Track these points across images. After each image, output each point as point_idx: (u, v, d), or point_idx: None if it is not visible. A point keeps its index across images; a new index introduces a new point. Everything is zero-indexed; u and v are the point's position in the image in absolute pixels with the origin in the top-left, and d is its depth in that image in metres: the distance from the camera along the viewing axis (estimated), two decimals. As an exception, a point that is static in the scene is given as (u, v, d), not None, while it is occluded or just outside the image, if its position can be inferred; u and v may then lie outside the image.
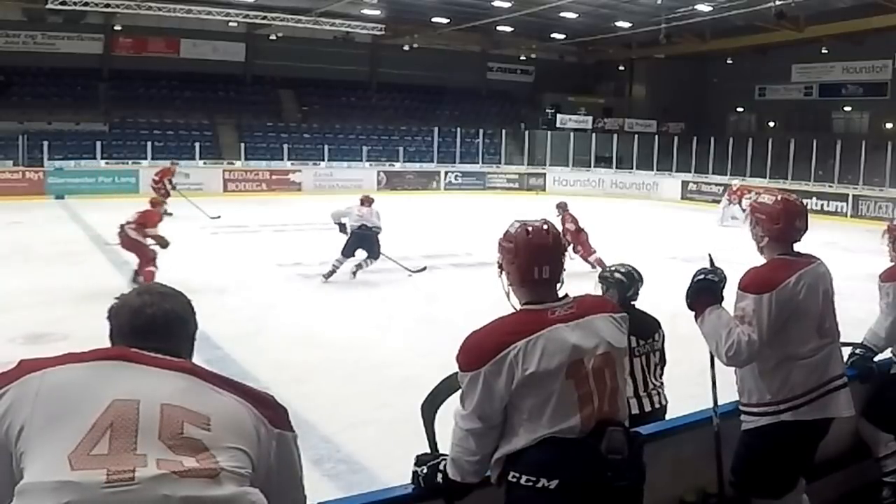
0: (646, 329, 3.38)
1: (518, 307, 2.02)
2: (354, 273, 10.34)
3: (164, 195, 16.21)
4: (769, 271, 2.61)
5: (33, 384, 1.28)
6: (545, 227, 2.04)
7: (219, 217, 15.56)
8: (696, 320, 2.65)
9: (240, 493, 1.24)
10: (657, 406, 3.34)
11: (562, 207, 11.51)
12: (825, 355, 2.63)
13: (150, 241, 9.25)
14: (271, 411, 1.40)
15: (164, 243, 9.27)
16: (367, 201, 10.69)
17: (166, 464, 1.20)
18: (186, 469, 1.21)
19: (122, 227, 9.29)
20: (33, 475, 1.19)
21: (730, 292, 2.65)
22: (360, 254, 10.39)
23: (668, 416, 2.90)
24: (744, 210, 17.63)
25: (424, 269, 11.00)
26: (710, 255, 2.76)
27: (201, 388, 1.35)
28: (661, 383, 3.44)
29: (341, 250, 10.19)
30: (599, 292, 3.43)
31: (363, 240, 10.29)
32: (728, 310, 2.60)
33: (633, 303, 3.50)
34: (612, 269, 3.64)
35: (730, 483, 2.71)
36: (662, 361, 3.48)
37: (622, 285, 3.50)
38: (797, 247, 2.71)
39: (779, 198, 2.73)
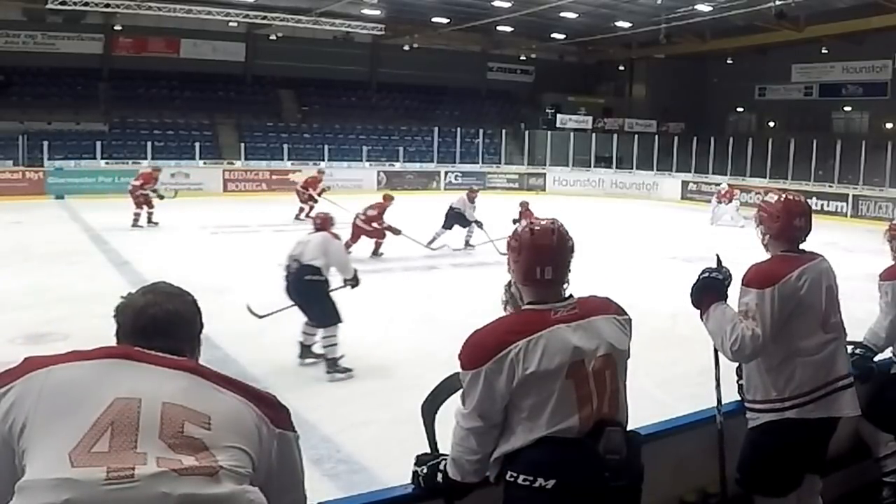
0: None
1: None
2: (468, 244, 12.89)
3: (307, 200, 16.42)
4: (771, 266, 2.64)
5: (37, 381, 1.29)
6: (552, 227, 2.03)
7: None
8: (701, 318, 2.67)
9: (238, 491, 1.25)
10: None
11: (523, 206, 12.71)
12: (831, 352, 2.63)
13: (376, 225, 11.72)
14: (273, 411, 1.41)
15: (395, 231, 11.83)
16: (470, 193, 13.17)
17: (166, 462, 1.21)
18: (185, 467, 1.21)
19: (355, 216, 11.62)
20: (34, 472, 1.19)
21: (735, 291, 2.66)
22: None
23: (668, 416, 2.89)
24: (738, 210, 17.82)
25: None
26: (717, 256, 2.77)
27: (203, 388, 1.35)
28: None
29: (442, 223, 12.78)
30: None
31: (450, 217, 12.84)
32: (733, 307, 2.62)
33: None
34: (510, 282, 3.31)
35: (735, 481, 2.71)
36: None
37: (515, 300, 3.23)
38: (803, 246, 2.73)
39: (782, 197, 2.77)
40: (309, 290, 6.26)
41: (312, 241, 6.48)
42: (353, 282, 6.63)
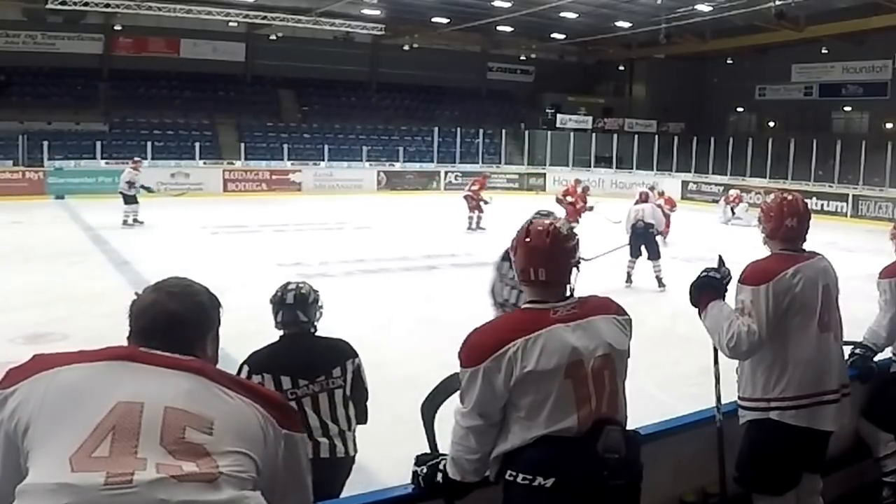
0: (326, 363, 3.05)
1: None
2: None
3: (476, 208, 16.17)
4: (766, 264, 2.66)
5: (43, 383, 1.28)
6: (547, 229, 2.01)
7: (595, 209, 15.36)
8: (699, 316, 2.68)
9: (238, 496, 1.23)
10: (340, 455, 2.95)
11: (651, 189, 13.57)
12: (825, 358, 2.63)
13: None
14: (279, 412, 1.40)
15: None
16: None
17: (165, 468, 1.19)
18: (185, 473, 1.20)
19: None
20: (34, 476, 1.19)
21: (734, 290, 2.67)
22: None
23: (668, 416, 2.88)
24: (746, 210, 17.88)
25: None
26: (719, 256, 2.79)
27: (208, 390, 1.33)
28: (349, 429, 2.97)
29: None
30: None
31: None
32: (731, 306, 2.63)
33: (287, 332, 3.12)
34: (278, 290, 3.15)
35: (734, 479, 2.72)
36: (354, 399, 3.04)
37: (274, 308, 3.14)
38: (805, 246, 2.74)
39: (779, 197, 2.80)
40: (651, 237, 10.07)
41: (646, 208, 10.43)
42: (656, 231, 10.39)
